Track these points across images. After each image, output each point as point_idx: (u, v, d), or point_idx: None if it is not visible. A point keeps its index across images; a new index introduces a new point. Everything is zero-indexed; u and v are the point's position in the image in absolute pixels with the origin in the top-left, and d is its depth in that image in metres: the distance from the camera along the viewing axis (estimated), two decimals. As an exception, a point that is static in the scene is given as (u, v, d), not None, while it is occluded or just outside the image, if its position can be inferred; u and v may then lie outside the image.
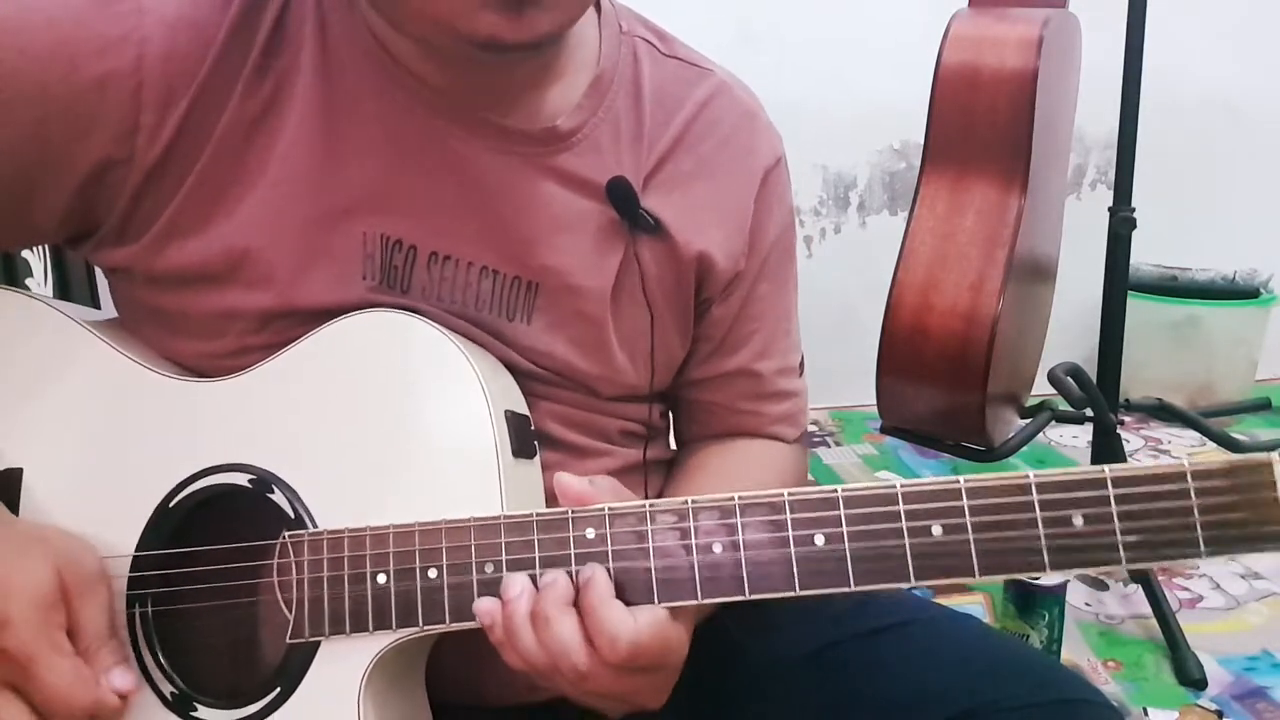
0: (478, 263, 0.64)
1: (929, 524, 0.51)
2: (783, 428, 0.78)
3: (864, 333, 1.58)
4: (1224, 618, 1.51)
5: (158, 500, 0.60)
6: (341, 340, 0.60)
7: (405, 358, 0.60)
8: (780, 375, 0.77)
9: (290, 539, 0.57)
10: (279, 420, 0.60)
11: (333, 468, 0.59)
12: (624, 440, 0.72)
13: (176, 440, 0.61)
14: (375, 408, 0.59)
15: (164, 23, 0.57)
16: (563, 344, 0.66)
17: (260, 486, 0.59)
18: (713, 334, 0.74)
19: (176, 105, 0.58)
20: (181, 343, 0.63)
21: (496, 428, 0.58)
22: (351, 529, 0.57)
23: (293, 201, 0.60)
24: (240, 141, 0.60)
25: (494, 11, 0.53)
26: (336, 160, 0.61)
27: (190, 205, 0.60)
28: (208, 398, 0.61)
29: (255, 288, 0.61)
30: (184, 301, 0.62)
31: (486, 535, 0.55)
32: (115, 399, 0.62)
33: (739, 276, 0.73)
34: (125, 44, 0.57)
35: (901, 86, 1.71)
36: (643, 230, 0.67)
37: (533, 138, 0.64)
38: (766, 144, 0.74)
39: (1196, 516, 0.48)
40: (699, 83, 0.72)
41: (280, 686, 0.57)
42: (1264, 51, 2.31)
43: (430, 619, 0.55)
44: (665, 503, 0.54)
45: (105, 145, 0.58)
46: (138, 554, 0.60)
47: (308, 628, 0.57)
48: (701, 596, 0.53)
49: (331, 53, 0.61)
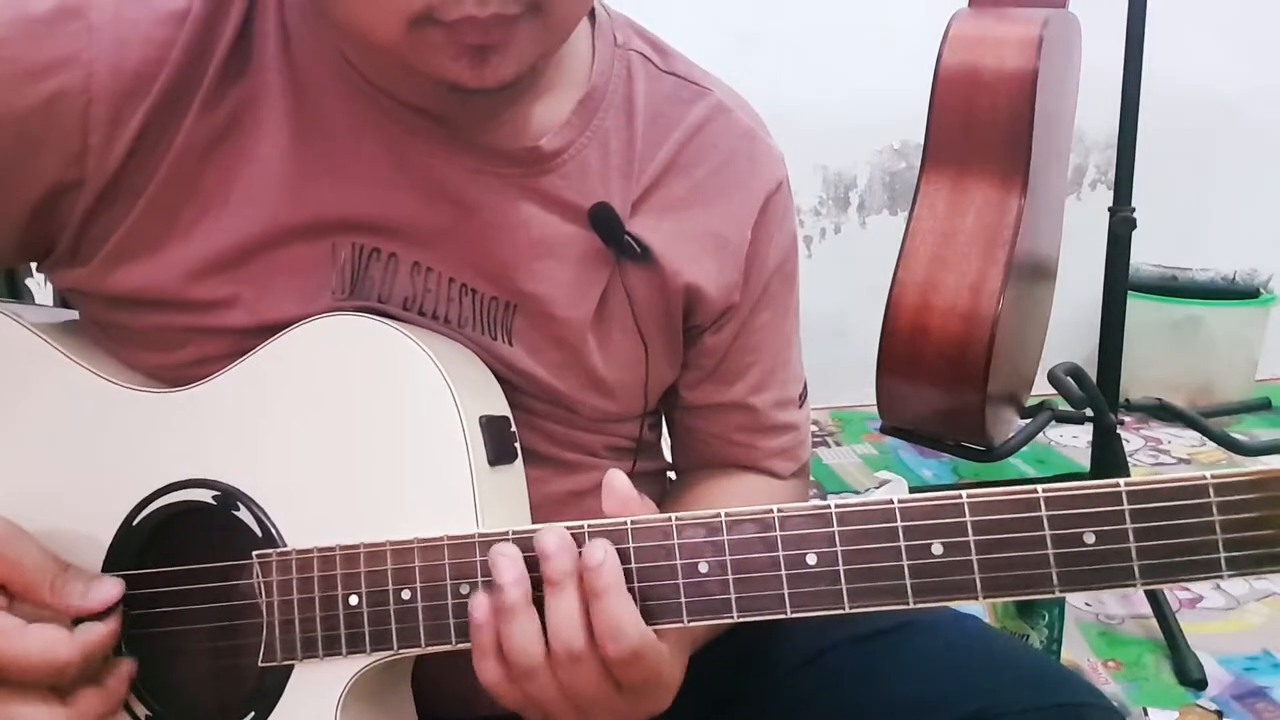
0: (458, 280, 0.61)
1: (929, 542, 0.48)
2: (778, 462, 0.75)
3: (864, 333, 1.58)
4: (1224, 618, 1.51)
5: (121, 518, 0.58)
6: (303, 345, 0.58)
7: (369, 362, 0.57)
8: (778, 408, 0.74)
9: (259, 559, 0.55)
10: (242, 432, 0.58)
11: (299, 481, 0.56)
12: (610, 455, 0.69)
13: (137, 454, 0.58)
14: (341, 416, 0.57)
15: (114, 41, 0.55)
16: (543, 368, 0.63)
17: (225, 503, 0.57)
18: (704, 362, 0.71)
19: (127, 125, 0.56)
20: (139, 354, 0.61)
21: (469, 436, 0.56)
22: (321, 548, 0.54)
23: (253, 222, 0.58)
24: (195, 162, 0.57)
25: (456, 60, 0.51)
26: (307, 180, 0.58)
27: (142, 227, 0.57)
28: (168, 409, 0.59)
29: (213, 308, 0.58)
30: (139, 320, 0.60)
31: (461, 554, 0.53)
32: (73, 412, 0.60)
33: (734, 307, 0.69)
34: (74, 63, 0.54)
35: (901, 87, 1.71)
36: (629, 258, 0.64)
37: (514, 158, 0.61)
38: (766, 168, 0.70)
39: (1219, 534, 0.45)
40: (696, 102, 0.67)
41: (254, 711, 0.56)
42: (1264, 51, 2.31)
43: (405, 642, 0.53)
44: (648, 519, 0.52)
45: (55, 168, 0.56)
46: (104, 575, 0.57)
47: (280, 650, 0.55)
48: (688, 619, 0.51)
49: (299, 72, 0.58)
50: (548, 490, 0.63)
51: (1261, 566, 0.45)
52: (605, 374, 0.65)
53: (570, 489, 0.66)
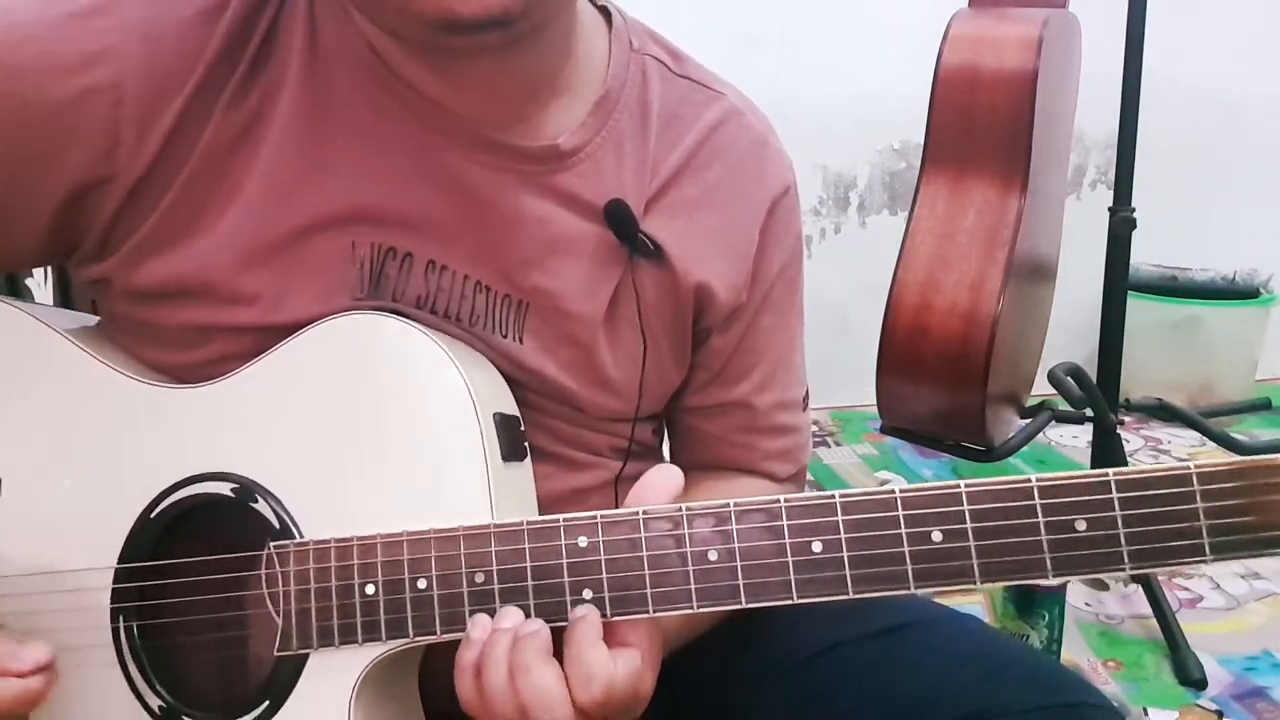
0: (472, 277, 0.62)
1: (929, 530, 0.50)
2: (776, 464, 0.76)
3: (864, 332, 1.58)
4: (1224, 618, 1.51)
5: (139, 510, 0.59)
6: (323, 343, 0.59)
7: (388, 359, 0.58)
8: (779, 409, 0.75)
9: (276, 549, 0.56)
10: (261, 427, 0.59)
11: (317, 475, 0.58)
12: (614, 455, 0.70)
13: (157, 448, 0.60)
14: (359, 412, 0.58)
15: (146, 38, 0.56)
16: (553, 366, 0.64)
17: (244, 495, 0.58)
18: (711, 364, 0.72)
19: (159, 122, 0.57)
20: (160, 352, 0.62)
21: (485, 431, 0.57)
22: (338, 539, 0.56)
23: (274, 215, 0.59)
24: (223, 157, 0.58)
25: None
26: (323, 172, 0.59)
27: (169, 221, 0.58)
28: (188, 404, 0.60)
29: (235, 303, 0.59)
30: (161, 315, 0.61)
31: (476, 544, 0.54)
32: (94, 407, 0.61)
33: (740, 308, 0.70)
34: (106, 59, 0.55)
35: (901, 86, 1.71)
36: (642, 255, 0.65)
37: (531, 155, 0.62)
38: (775, 173, 0.71)
39: (1203, 520, 0.47)
40: (710, 106, 0.69)
41: (269, 700, 0.56)
42: (1263, 51, 2.31)
43: (421, 630, 0.54)
44: (659, 509, 0.53)
45: (84, 165, 0.57)
46: (120, 566, 0.59)
47: (295, 640, 0.56)
48: (697, 605, 0.52)
49: (322, 65, 0.59)
50: (552, 487, 0.64)
51: (1243, 551, 0.47)
52: (613, 372, 0.66)
53: (574, 486, 0.67)
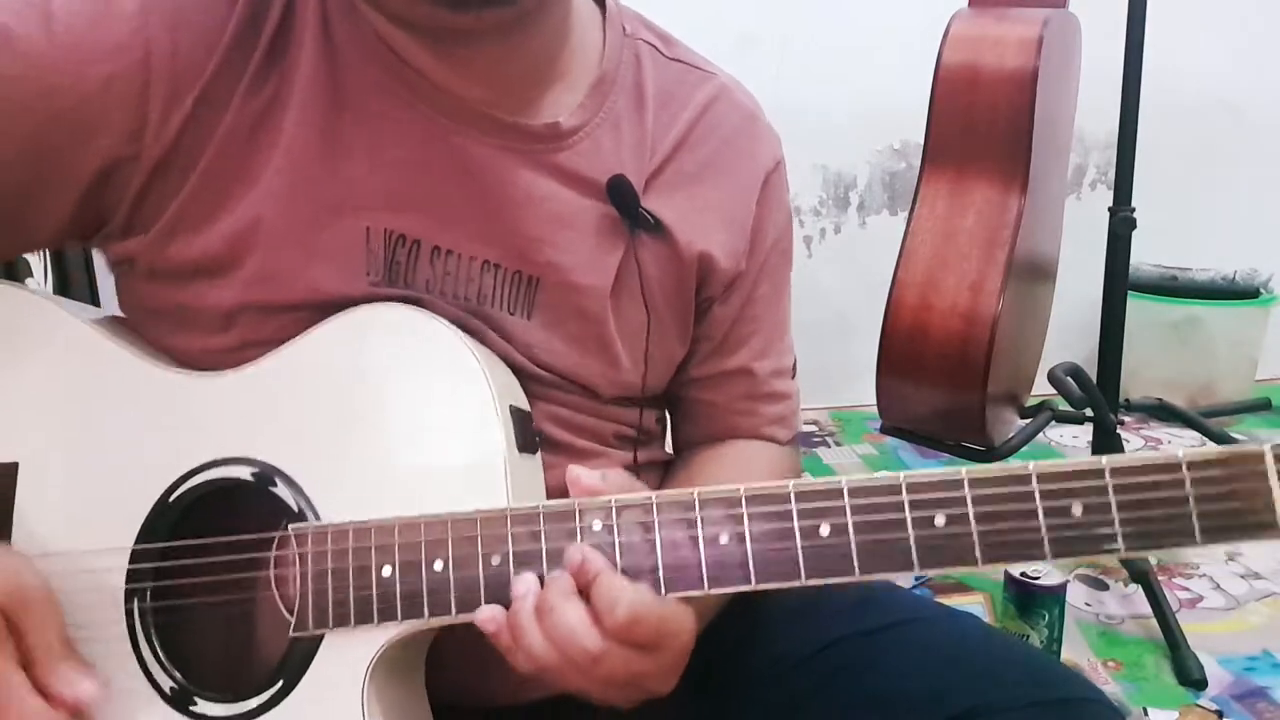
0: (480, 257, 0.64)
1: (932, 514, 0.51)
2: (776, 429, 0.79)
3: (864, 332, 1.59)
4: (1224, 618, 1.51)
5: (158, 494, 0.60)
6: (346, 332, 0.60)
7: (410, 350, 0.60)
8: (775, 376, 0.78)
9: (294, 531, 0.57)
10: (282, 413, 0.60)
11: (337, 461, 0.59)
12: (619, 443, 0.72)
13: (178, 434, 0.61)
14: (380, 400, 0.59)
15: (169, 23, 0.58)
16: (561, 341, 0.66)
17: (263, 480, 0.59)
18: (713, 334, 0.75)
19: (182, 102, 0.59)
20: (184, 338, 0.63)
21: (503, 421, 0.58)
22: (356, 522, 0.57)
23: (294, 196, 0.61)
24: (244, 138, 0.60)
25: None
26: (339, 156, 0.61)
27: (196, 200, 0.60)
28: (209, 390, 0.61)
29: (259, 282, 0.61)
30: (187, 296, 0.62)
31: (493, 527, 0.55)
32: (114, 392, 0.62)
33: (740, 277, 0.73)
34: (132, 46, 0.57)
35: (901, 86, 1.72)
36: (644, 230, 0.67)
37: (534, 134, 0.65)
38: (767, 147, 0.75)
39: (1192, 506, 0.49)
40: (701, 85, 0.73)
41: (283, 680, 0.57)
42: (1264, 51, 2.32)
43: (436, 610, 0.55)
44: (671, 494, 0.54)
45: (112, 146, 0.58)
46: (136, 547, 0.59)
47: (311, 621, 0.57)
48: (709, 587, 0.53)
49: (335, 51, 0.62)
50: (559, 474, 0.65)
51: (1231, 535, 0.48)
52: (620, 348, 0.68)
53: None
